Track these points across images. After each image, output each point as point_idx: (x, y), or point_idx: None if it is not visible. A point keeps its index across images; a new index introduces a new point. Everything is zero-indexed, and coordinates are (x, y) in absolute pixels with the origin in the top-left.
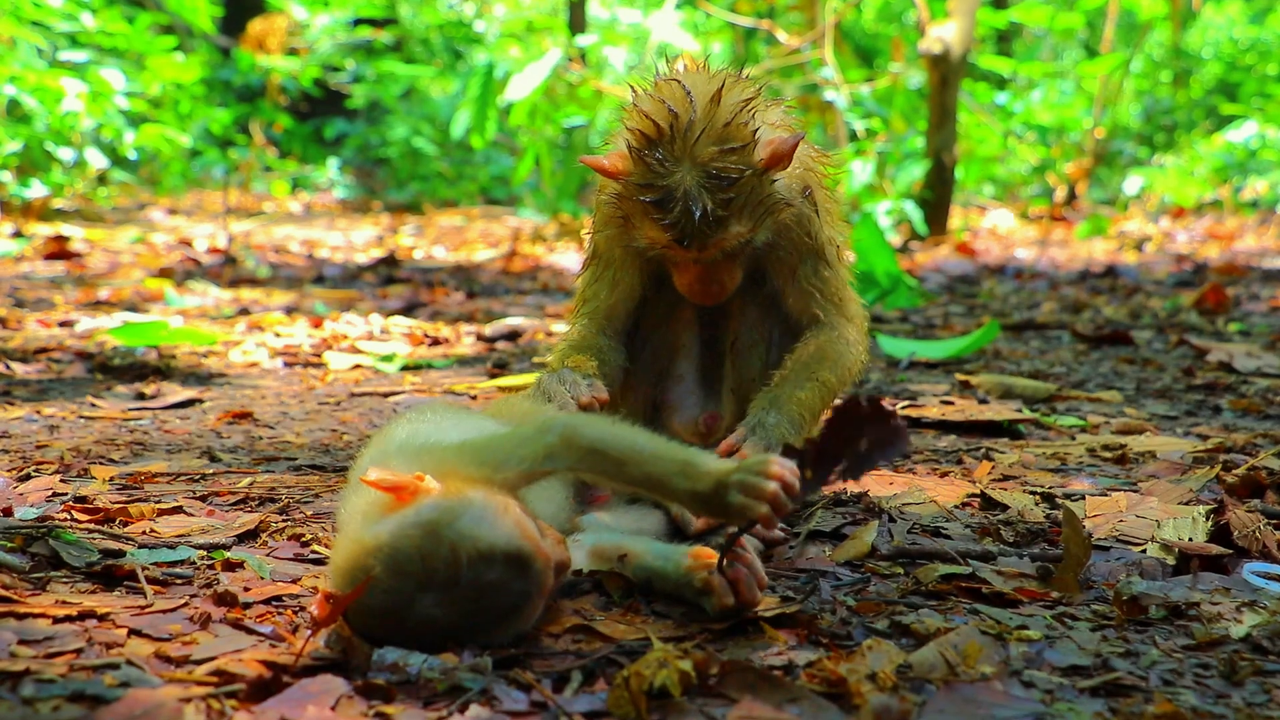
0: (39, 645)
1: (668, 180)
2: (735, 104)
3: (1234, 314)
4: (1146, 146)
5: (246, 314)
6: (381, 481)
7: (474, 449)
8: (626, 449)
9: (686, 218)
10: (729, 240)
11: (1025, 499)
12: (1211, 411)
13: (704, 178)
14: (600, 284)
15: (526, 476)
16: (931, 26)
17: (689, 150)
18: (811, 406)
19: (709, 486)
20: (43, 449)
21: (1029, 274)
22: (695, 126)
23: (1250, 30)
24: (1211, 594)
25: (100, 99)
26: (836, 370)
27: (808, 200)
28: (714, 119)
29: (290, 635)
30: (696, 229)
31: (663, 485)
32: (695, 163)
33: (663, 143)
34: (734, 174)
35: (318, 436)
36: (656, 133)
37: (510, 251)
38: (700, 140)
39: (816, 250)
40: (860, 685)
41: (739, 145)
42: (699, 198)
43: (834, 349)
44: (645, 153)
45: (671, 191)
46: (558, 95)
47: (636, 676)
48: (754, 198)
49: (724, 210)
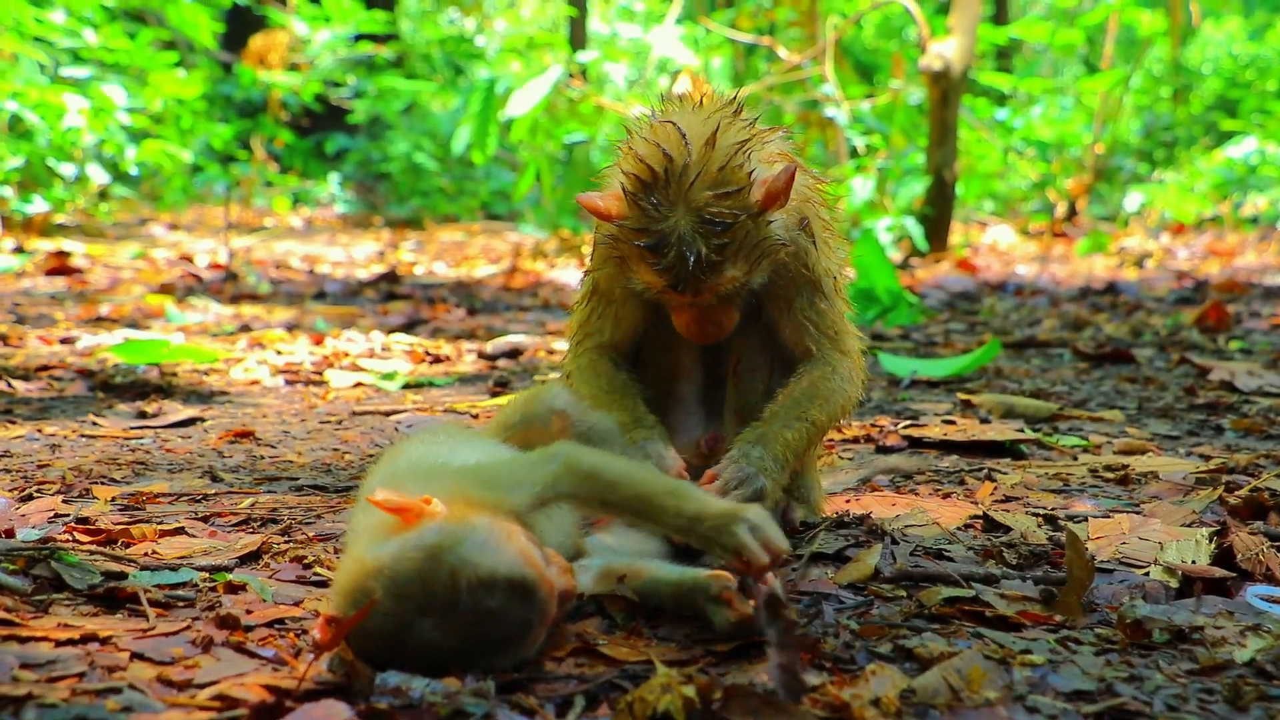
0: (41, 669)
1: (661, 225)
2: (730, 146)
3: (1235, 332)
4: (1146, 163)
5: (248, 331)
6: (387, 502)
7: (485, 473)
8: (622, 473)
9: (680, 263)
10: (724, 285)
11: (1028, 520)
12: (1214, 431)
13: (698, 223)
14: (604, 320)
15: (535, 501)
16: (932, 43)
17: (683, 195)
18: (797, 447)
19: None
20: (44, 468)
21: (1030, 290)
22: (690, 171)
23: (1250, 46)
24: (1215, 617)
25: (102, 115)
26: (827, 408)
27: (805, 232)
28: (708, 163)
29: (293, 659)
30: (691, 275)
31: (655, 508)
32: (689, 208)
33: (657, 187)
34: (728, 219)
35: (319, 456)
36: (651, 177)
37: (511, 267)
38: (695, 185)
39: (813, 282)
40: (864, 711)
41: (734, 189)
42: (693, 243)
43: (826, 386)
44: (639, 197)
45: (665, 237)
46: (559, 111)
47: (640, 702)
48: (749, 241)
49: (718, 256)
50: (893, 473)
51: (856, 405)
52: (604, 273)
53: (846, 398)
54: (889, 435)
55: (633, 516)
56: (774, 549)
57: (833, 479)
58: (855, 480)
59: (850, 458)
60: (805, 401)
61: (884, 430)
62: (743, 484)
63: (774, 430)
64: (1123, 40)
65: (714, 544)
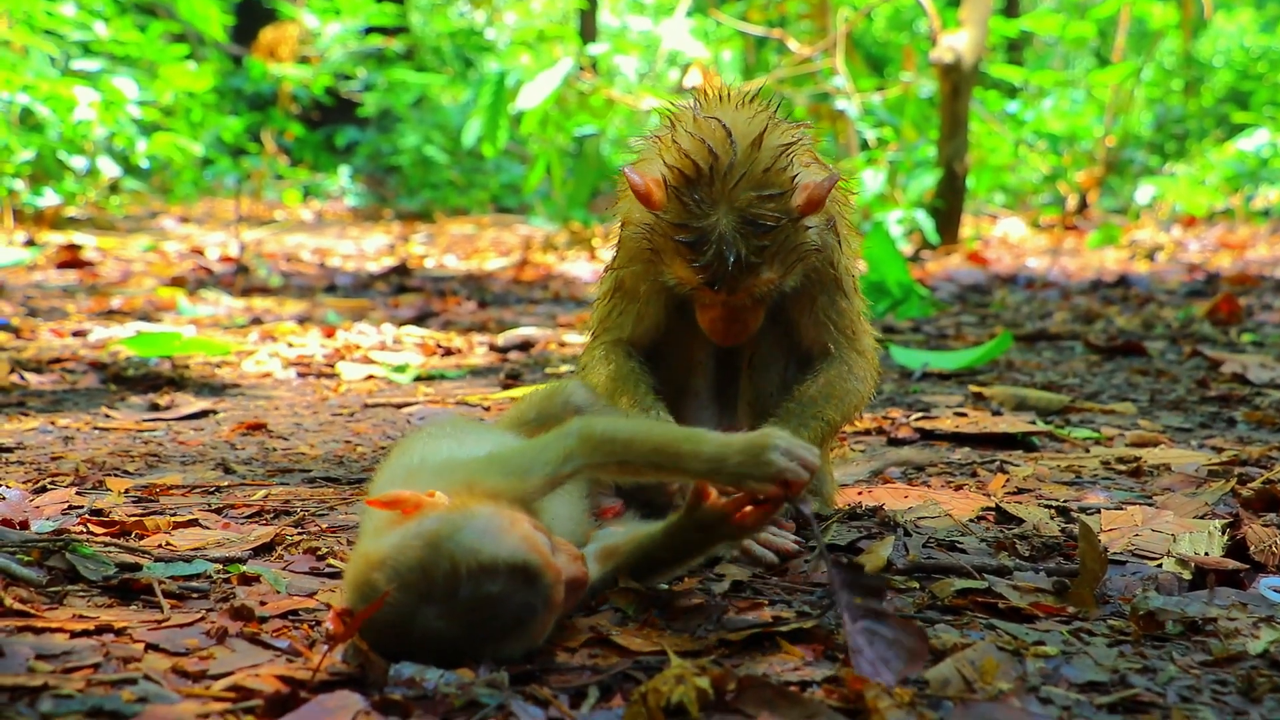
0: (57, 660)
1: (703, 223)
2: (776, 148)
3: (1247, 324)
4: (1158, 155)
5: (259, 323)
6: (383, 499)
7: (499, 460)
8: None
9: (719, 262)
10: (760, 286)
11: (1040, 513)
12: (1226, 424)
13: (740, 223)
14: (625, 317)
15: (551, 481)
16: (943, 35)
17: (727, 194)
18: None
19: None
20: (58, 460)
21: (1040, 283)
22: (735, 170)
23: (1261, 39)
24: (1228, 609)
25: (113, 108)
26: (842, 408)
27: (832, 231)
28: (754, 163)
29: (307, 650)
30: (729, 274)
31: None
32: (733, 207)
33: (701, 184)
34: (770, 221)
35: (332, 448)
36: (695, 173)
37: (521, 260)
38: (740, 185)
39: (836, 280)
40: (878, 701)
41: (778, 192)
42: (734, 243)
43: (841, 385)
44: (683, 192)
45: (706, 235)
46: (569, 104)
47: (654, 693)
48: (788, 245)
49: (758, 257)
50: (905, 465)
51: (867, 403)
52: (630, 271)
53: (860, 396)
54: (901, 427)
55: (655, 472)
56: (809, 464)
57: (845, 471)
58: (867, 472)
59: (862, 450)
60: (821, 401)
61: (896, 422)
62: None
63: (791, 428)
64: (1134, 33)
65: (748, 478)
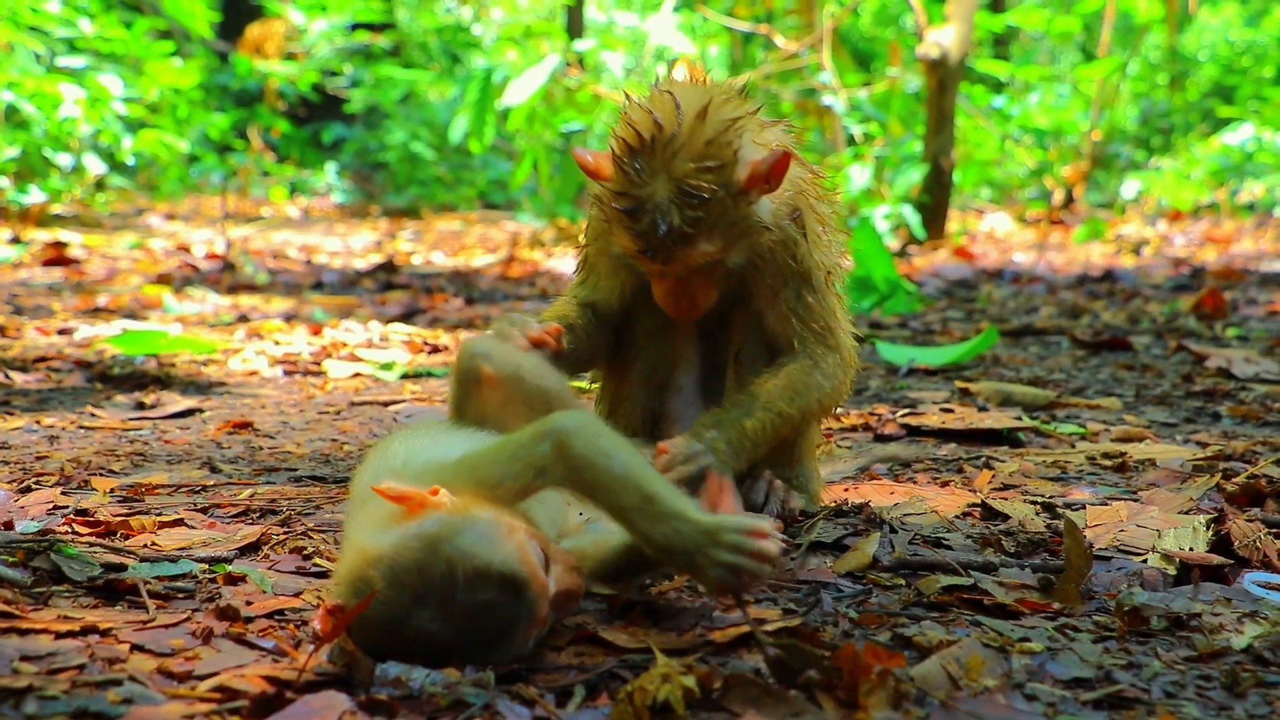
0: (41, 661)
1: (640, 190)
2: (722, 121)
3: (1232, 319)
4: (1143, 150)
5: (245, 321)
6: (390, 491)
7: (471, 465)
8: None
9: (652, 231)
10: (695, 258)
11: (1026, 508)
12: (1211, 418)
13: (677, 193)
14: (583, 287)
15: (522, 493)
16: (929, 31)
17: (667, 163)
18: (756, 436)
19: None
20: (43, 460)
21: (1027, 278)
22: (676, 140)
23: (1246, 33)
24: (1213, 605)
25: (98, 104)
26: (799, 402)
27: (795, 224)
28: (696, 134)
29: (293, 650)
30: (661, 243)
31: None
32: (670, 177)
33: (643, 153)
34: (706, 192)
35: (318, 447)
36: (639, 143)
37: (508, 257)
38: (679, 155)
39: (801, 275)
40: (865, 699)
41: (716, 164)
42: (668, 212)
43: (801, 380)
44: (625, 161)
45: (643, 203)
46: (556, 100)
47: (640, 691)
48: (727, 219)
49: (691, 228)
50: (891, 461)
51: (839, 402)
52: (595, 246)
53: (825, 394)
54: (887, 423)
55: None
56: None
57: (831, 467)
58: (853, 469)
59: (848, 446)
60: (774, 393)
61: (882, 418)
62: (689, 460)
63: (732, 417)
64: (1120, 27)
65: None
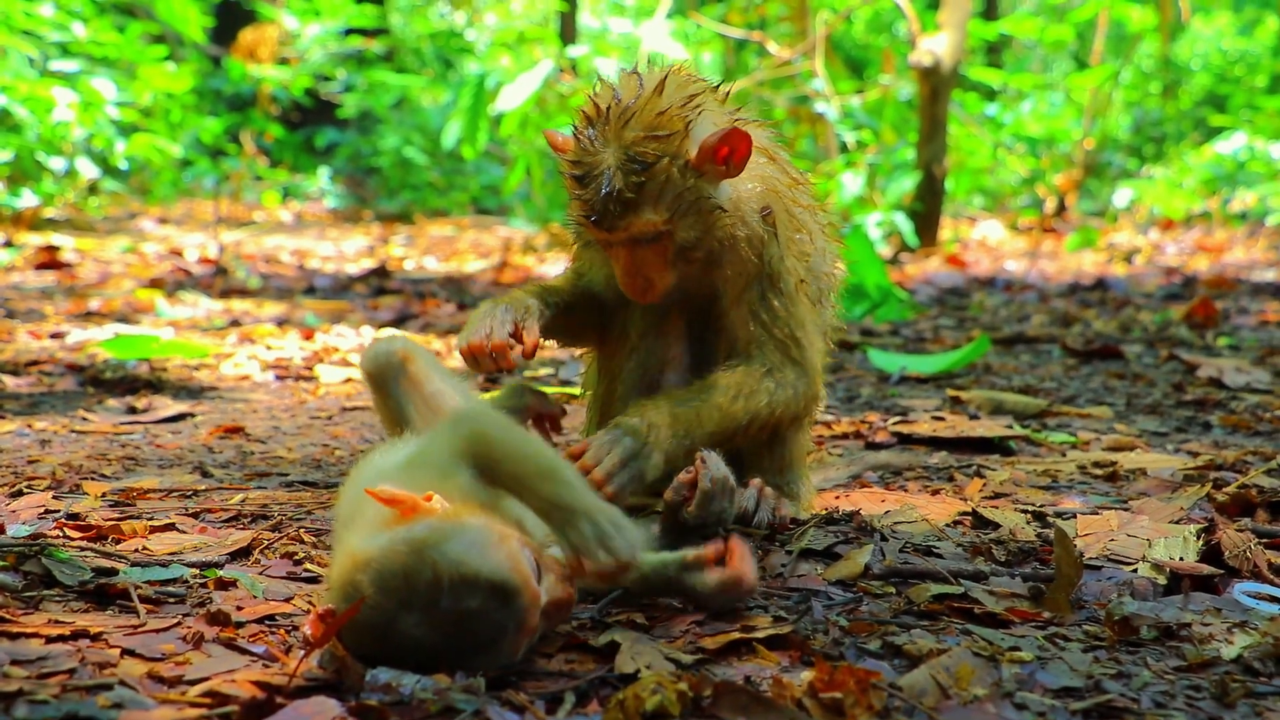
0: (32, 665)
1: (591, 158)
2: (678, 96)
3: (1223, 328)
4: (1136, 158)
5: (237, 325)
6: (382, 494)
7: (410, 465)
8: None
9: (596, 195)
10: (638, 225)
11: (1017, 517)
12: (1202, 428)
13: (624, 160)
14: (563, 277)
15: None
16: (922, 39)
17: (618, 133)
18: (688, 422)
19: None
20: (34, 464)
21: (1019, 286)
22: (629, 111)
23: (1239, 42)
24: (1203, 614)
25: (91, 108)
26: (747, 404)
27: (764, 220)
28: (650, 106)
29: (283, 655)
30: (604, 207)
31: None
32: (620, 145)
33: (598, 123)
34: (650, 159)
35: (309, 451)
36: (595, 113)
37: (501, 262)
38: (630, 124)
39: (769, 276)
40: (854, 709)
41: (665, 134)
42: (613, 178)
43: (752, 382)
44: (582, 132)
45: (592, 170)
46: (549, 106)
47: (633, 699)
48: (673, 188)
49: (633, 193)
50: (882, 469)
51: (802, 414)
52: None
53: (778, 401)
54: (878, 431)
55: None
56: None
57: (822, 475)
58: (845, 476)
59: (840, 454)
60: (711, 387)
61: (873, 426)
62: (613, 447)
63: (658, 403)
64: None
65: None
